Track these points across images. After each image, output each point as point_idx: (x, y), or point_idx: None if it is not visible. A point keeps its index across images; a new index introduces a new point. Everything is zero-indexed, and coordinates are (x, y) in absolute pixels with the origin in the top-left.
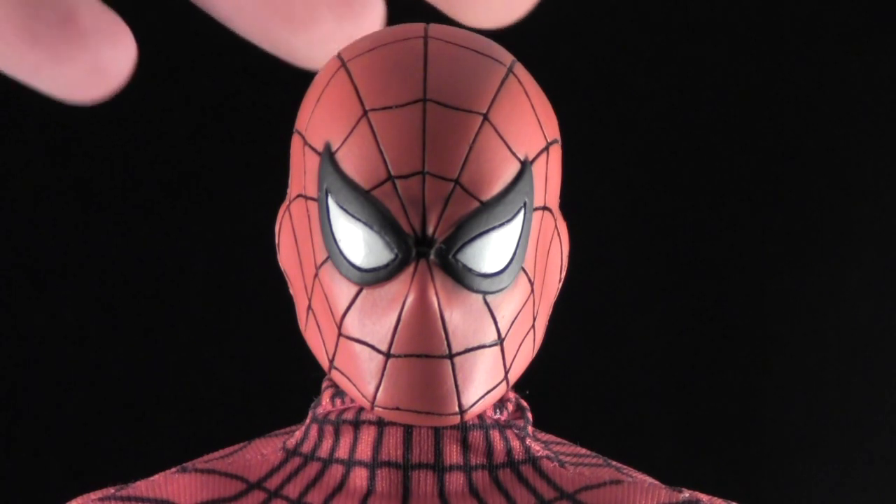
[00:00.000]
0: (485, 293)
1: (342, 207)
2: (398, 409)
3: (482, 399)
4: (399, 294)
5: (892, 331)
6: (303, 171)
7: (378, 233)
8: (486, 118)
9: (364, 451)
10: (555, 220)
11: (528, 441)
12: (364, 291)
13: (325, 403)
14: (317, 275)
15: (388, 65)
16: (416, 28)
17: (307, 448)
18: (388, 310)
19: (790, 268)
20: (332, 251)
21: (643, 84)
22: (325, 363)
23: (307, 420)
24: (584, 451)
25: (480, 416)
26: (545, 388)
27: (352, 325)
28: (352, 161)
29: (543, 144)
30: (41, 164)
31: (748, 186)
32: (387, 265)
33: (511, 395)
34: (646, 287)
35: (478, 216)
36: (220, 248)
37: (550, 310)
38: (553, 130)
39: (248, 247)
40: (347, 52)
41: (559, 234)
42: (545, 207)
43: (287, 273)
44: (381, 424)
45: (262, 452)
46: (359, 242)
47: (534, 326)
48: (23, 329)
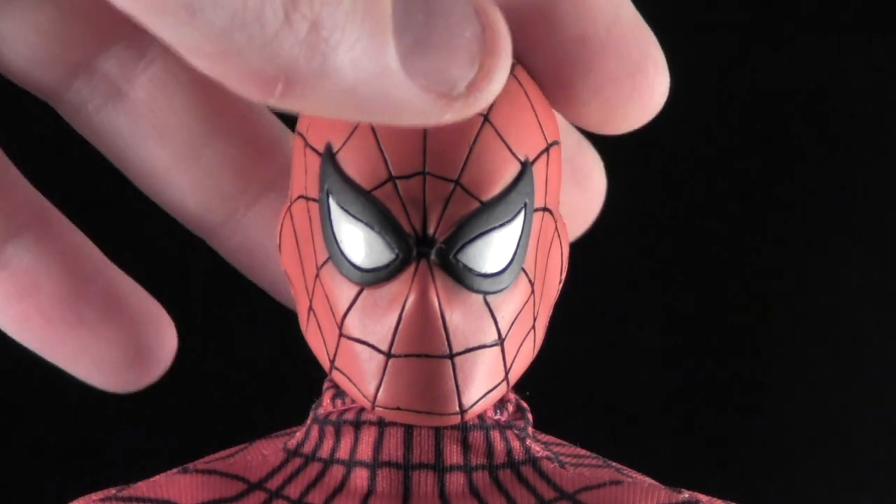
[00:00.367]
0: (485, 293)
1: (343, 208)
2: (399, 409)
3: (482, 399)
4: (400, 294)
5: (893, 331)
6: (304, 172)
7: (379, 233)
8: (487, 119)
9: (365, 452)
10: (555, 222)
11: (529, 442)
12: (365, 292)
13: (326, 404)
14: (318, 275)
15: None
16: None
17: (308, 449)
18: (389, 310)
19: (790, 268)
20: (333, 251)
21: None
22: (326, 363)
23: (308, 421)
24: (584, 452)
25: (481, 417)
26: (545, 390)
27: (352, 326)
28: (353, 162)
29: (544, 145)
30: (41, 165)
31: (748, 186)
32: (387, 265)
33: (511, 396)
34: (645, 288)
35: (478, 216)
36: None
37: (551, 311)
38: (553, 132)
39: None
40: None
41: (559, 236)
42: (545, 208)
43: (288, 274)
44: (382, 425)
45: (263, 453)
46: (360, 243)
47: (534, 327)
48: None
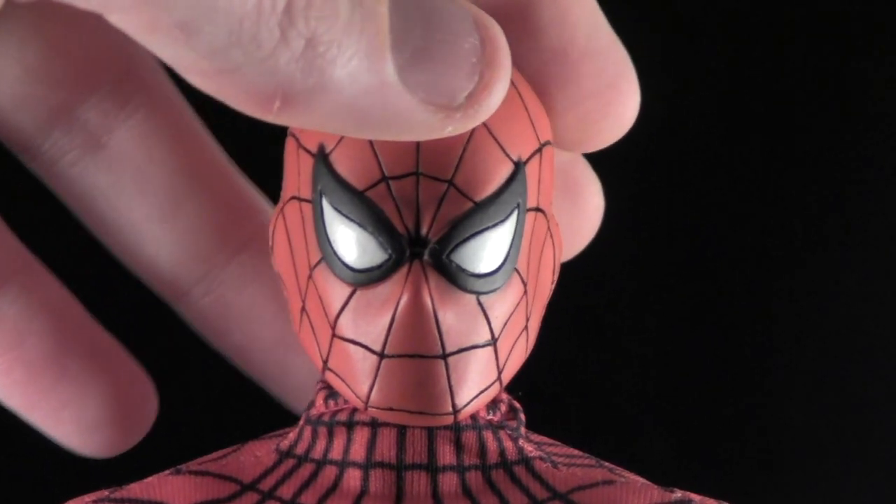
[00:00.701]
0: (478, 293)
1: (336, 208)
2: (392, 409)
3: (476, 399)
4: (393, 294)
5: (893, 331)
6: (297, 173)
7: (372, 233)
8: None
9: (357, 452)
10: (547, 222)
11: (521, 442)
12: (358, 292)
13: (319, 405)
14: (311, 276)
15: None
16: None
17: (301, 449)
18: (383, 310)
19: (790, 267)
20: (327, 252)
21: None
22: (319, 364)
23: (300, 422)
24: (576, 452)
25: (473, 417)
26: (538, 390)
27: (346, 326)
28: (346, 162)
29: (536, 145)
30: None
31: (747, 186)
32: (381, 266)
33: (504, 396)
34: (641, 287)
35: (472, 216)
36: None
37: (543, 311)
38: (545, 132)
39: None
40: None
41: (552, 236)
42: (538, 209)
43: (281, 275)
44: (375, 425)
45: (256, 454)
46: (353, 243)
47: (527, 327)
48: None
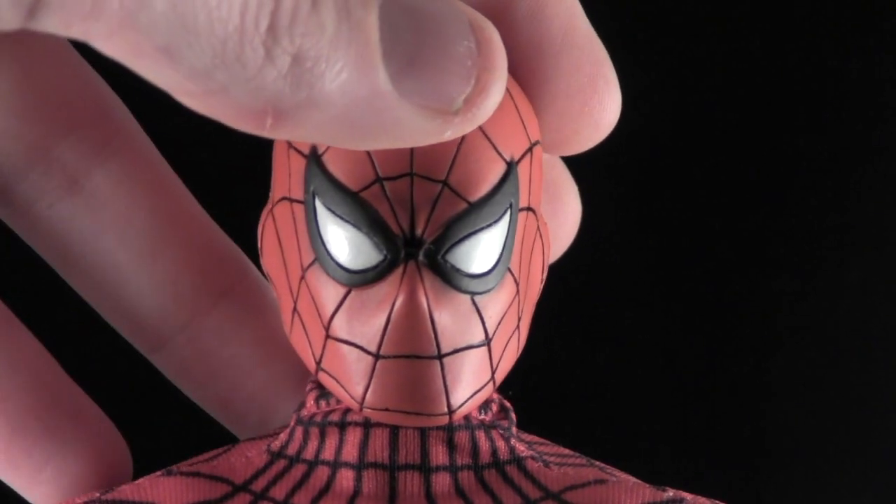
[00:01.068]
0: (473, 294)
1: (330, 209)
2: (387, 410)
3: (470, 399)
4: (388, 295)
5: (893, 331)
6: (287, 174)
7: (366, 234)
8: None
9: (350, 453)
10: (537, 221)
11: (513, 441)
12: (352, 293)
13: (310, 406)
14: (303, 277)
15: None
16: None
17: (292, 450)
18: (377, 311)
19: (790, 268)
20: (320, 253)
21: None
22: (312, 365)
23: (291, 422)
24: (568, 452)
25: (466, 417)
26: (528, 389)
27: (340, 327)
28: (339, 163)
29: (527, 145)
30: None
31: (747, 186)
32: (375, 266)
33: (494, 396)
34: (638, 286)
35: (466, 217)
36: None
37: (533, 310)
38: (535, 132)
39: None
40: None
41: (541, 235)
42: (529, 208)
43: (270, 276)
44: (367, 426)
45: (247, 455)
46: (347, 244)
47: (518, 327)
48: None
